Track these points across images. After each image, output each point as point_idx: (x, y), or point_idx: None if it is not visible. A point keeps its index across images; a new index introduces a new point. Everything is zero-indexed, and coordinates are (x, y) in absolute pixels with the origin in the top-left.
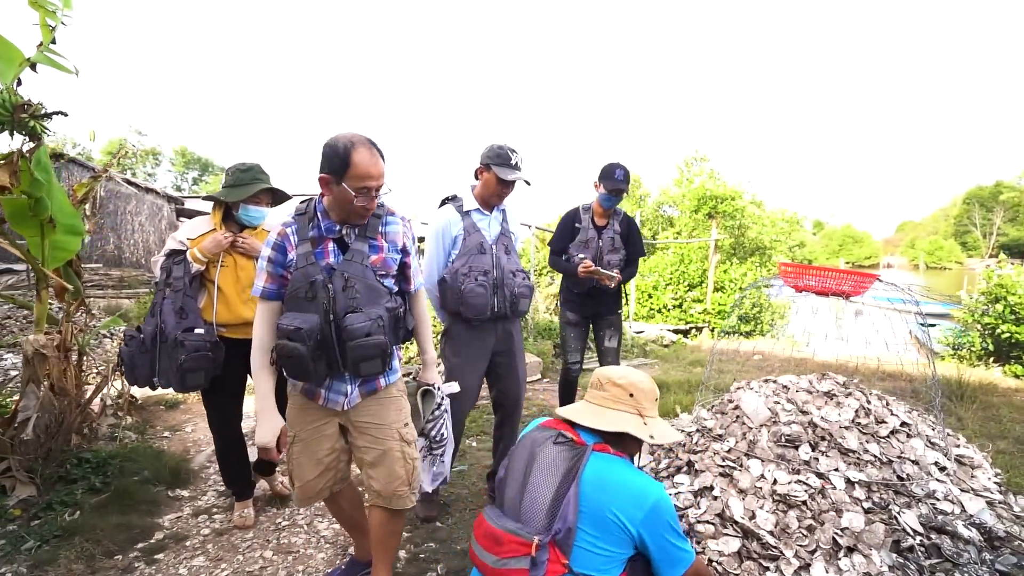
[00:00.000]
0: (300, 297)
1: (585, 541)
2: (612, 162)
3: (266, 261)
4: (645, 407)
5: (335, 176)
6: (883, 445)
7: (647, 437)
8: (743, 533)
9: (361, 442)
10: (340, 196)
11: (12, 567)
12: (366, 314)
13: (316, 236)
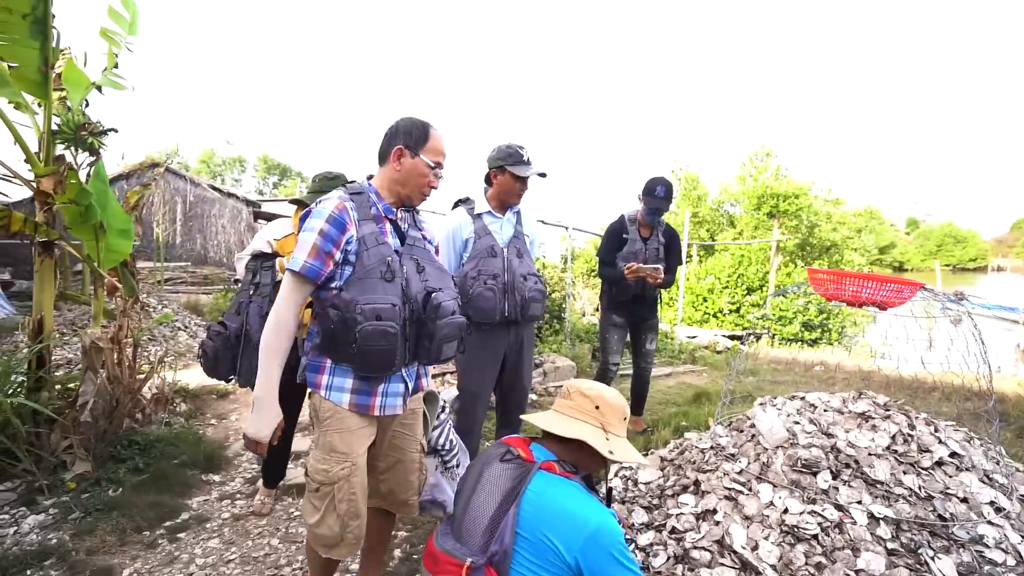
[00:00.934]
0: (376, 277)
1: (522, 566)
2: (655, 177)
3: (317, 234)
4: (610, 422)
5: (413, 148)
6: (924, 478)
7: (606, 452)
8: (741, 565)
9: (383, 449)
10: (414, 169)
11: (58, 534)
12: (448, 293)
13: (376, 215)
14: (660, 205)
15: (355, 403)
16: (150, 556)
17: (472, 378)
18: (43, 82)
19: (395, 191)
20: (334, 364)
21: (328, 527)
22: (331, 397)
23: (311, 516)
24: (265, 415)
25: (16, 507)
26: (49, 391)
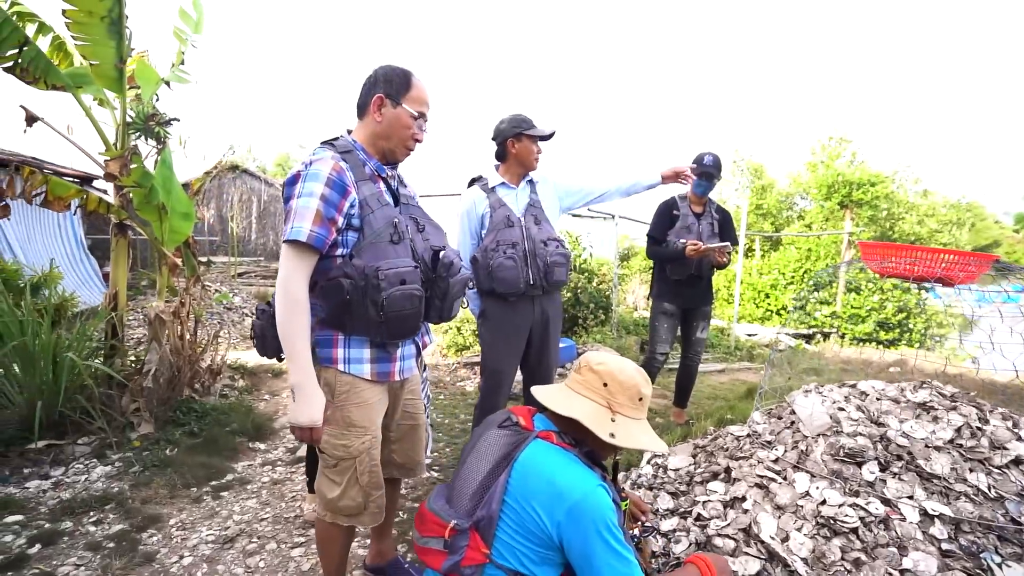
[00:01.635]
0: (385, 241)
1: (506, 534)
2: (704, 151)
3: (318, 199)
4: (619, 401)
5: (394, 97)
6: (995, 477)
7: (605, 434)
8: (768, 555)
9: (397, 417)
10: (396, 120)
11: (120, 483)
12: (452, 249)
13: (370, 174)
14: (708, 170)
15: (377, 372)
16: (194, 509)
17: (497, 355)
18: (119, 78)
19: (378, 146)
20: (348, 336)
21: (351, 499)
22: (351, 370)
23: (331, 491)
24: (309, 399)
25: (89, 459)
26: (121, 358)
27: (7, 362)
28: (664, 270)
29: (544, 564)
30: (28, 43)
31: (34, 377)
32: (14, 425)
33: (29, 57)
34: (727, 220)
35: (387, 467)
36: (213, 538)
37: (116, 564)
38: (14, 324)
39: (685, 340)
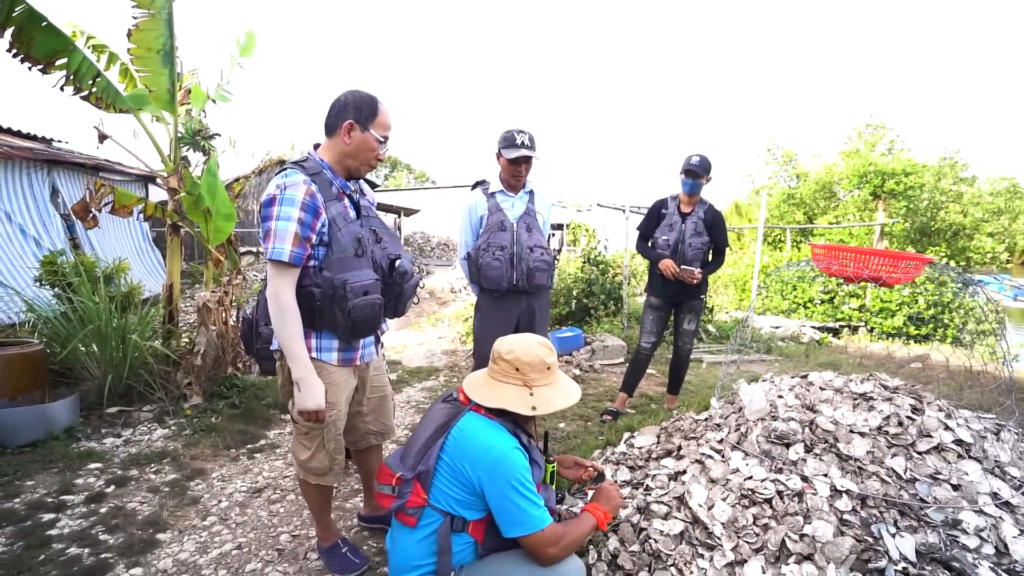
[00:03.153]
0: (351, 255)
1: (443, 483)
2: (694, 152)
3: (295, 223)
4: (532, 379)
5: (363, 123)
6: (916, 461)
7: (527, 410)
8: (693, 519)
9: (367, 393)
10: (363, 143)
11: (175, 443)
12: (406, 256)
13: (336, 194)
14: (692, 168)
15: (342, 359)
16: (232, 466)
17: (485, 342)
18: (171, 100)
19: (345, 164)
20: (318, 330)
21: (319, 461)
22: (321, 357)
23: (302, 453)
24: (311, 389)
25: (151, 423)
26: (176, 340)
27: (87, 341)
28: (653, 265)
29: (470, 508)
30: (100, 75)
31: (107, 355)
32: (93, 394)
33: (102, 87)
34: (716, 222)
35: (366, 436)
36: (246, 489)
37: (170, 503)
38: (92, 310)
39: (675, 331)
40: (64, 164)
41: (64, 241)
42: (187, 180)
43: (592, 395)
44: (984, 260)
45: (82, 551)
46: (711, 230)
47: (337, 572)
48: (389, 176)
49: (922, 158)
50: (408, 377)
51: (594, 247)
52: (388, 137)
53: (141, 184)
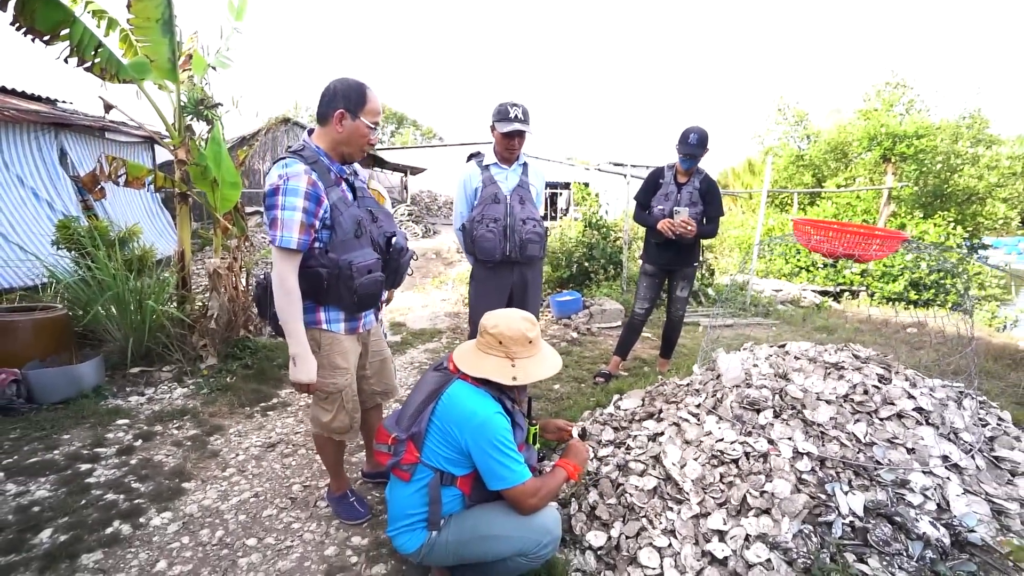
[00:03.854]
0: (352, 236)
1: (433, 443)
2: (690, 126)
3: (300, 212)
4: (515, 352)
5: (353, 111)
6: (876, 427)
7: (508, 380)
8: (666, 477)
9: (368, 357)
10: (355, 131)
11: (194, 401)
12: (401, 233)
13: (335, 179)
14: (692, 151)
15: (347, 328)
16: (247, 423)
17: (479, 311)
18: (172, 69)
19: (339, 150)
20: (324, 305)
21: (340, 421)
22: (331, 328)
23: (324, 416)
24: (306, 364)
25: (171, 382)
26: (190, 304)
27: (107, 306)
28: (649, 233)
29: (457, 465)
30: (102, 45)
31: (126, 318)
32: (116, 355)
33: (104, 57)
34: (710, 190)
35: (372, 397)
36: (260, 443)
37: (192, 456)
38: (109, 277)
39: (668, 298)
40: (71, 127)
41: (76, 204)
42: (193, 151)
43: (588, 358)
44: (994, 226)
45: (118, 497)
46: (705, 198)
47: (345, 518)
48: (396, 133)
49: (941, 118)
50: (412, 339)
51: (596, 211)
52: (378, 123)
53: (147, 145)
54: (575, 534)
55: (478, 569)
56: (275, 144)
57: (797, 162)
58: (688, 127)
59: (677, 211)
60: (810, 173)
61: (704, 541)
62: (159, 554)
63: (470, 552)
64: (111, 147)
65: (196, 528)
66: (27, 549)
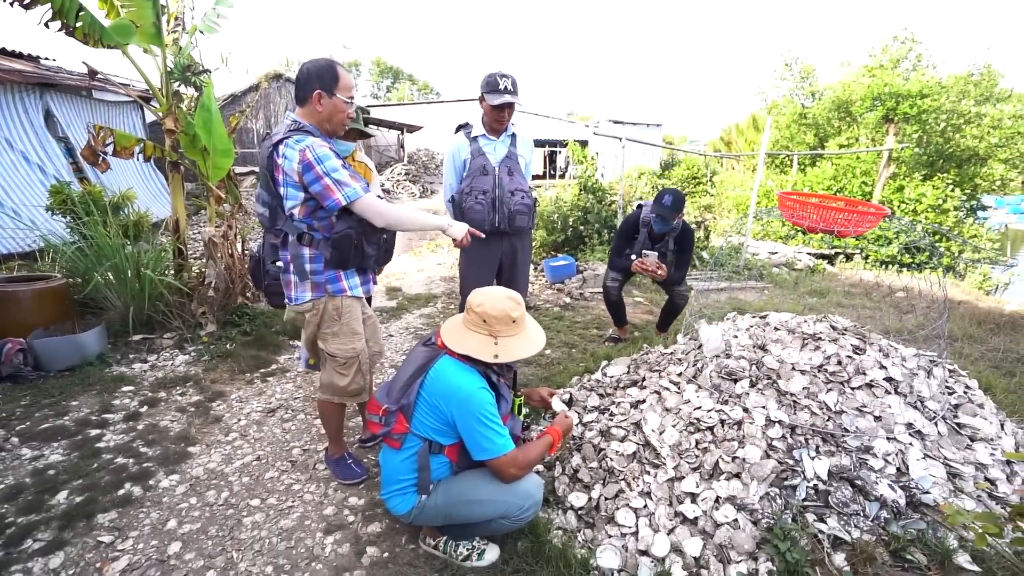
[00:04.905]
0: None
1: (422, 414)
2: (666, 188)
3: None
4: (499, 330)
5: (328, 90)
6: (846, 396)
7: (490, 358)
8: (644, 442)
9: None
10: (334, 108)
11: (195, 368)
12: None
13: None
14: (665, 213)
15: (363, 290)
16: (248, 388)
17: (469, 280)
18: (157, 33)
19: (324, 127)
20: (346, 271)
21: (356, 384)
22: (353, 292)
23: (341, 381)
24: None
25: (172, 349)
26: (188, 273)
27: (105, 274)
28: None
29: (444, 435)
30: (84, 9)
31: (125, 287)
32: (117, 323)
33: (87, 22)
34: (686, 239)
35: (373, 357)
36: (261, 408)
37: (196, 422)
38: (107, 246)
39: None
40: (56, 86)
41: (67, 166)
42: (181, 118)
43: (580, 323)
44: (992, 188)
45: (127, 461)
46: (679, 243)
47: (342, 479)
48: (391, 88)
49: (948, 74)
50: (407, 304)
51: (591, 175)
52: (353, 97)
53: (137, 105)
54: (558, 495)
55: (465, 528)
56: (267, 102)
57: (800, 120)
58: (664, 188)
59: (646, 253)
60: (812, 132)
61: (677, 502)
62: (169, 514)
63: (457, 514)
64: (99, 108)
65: (203, 490)
66: (46, 509)
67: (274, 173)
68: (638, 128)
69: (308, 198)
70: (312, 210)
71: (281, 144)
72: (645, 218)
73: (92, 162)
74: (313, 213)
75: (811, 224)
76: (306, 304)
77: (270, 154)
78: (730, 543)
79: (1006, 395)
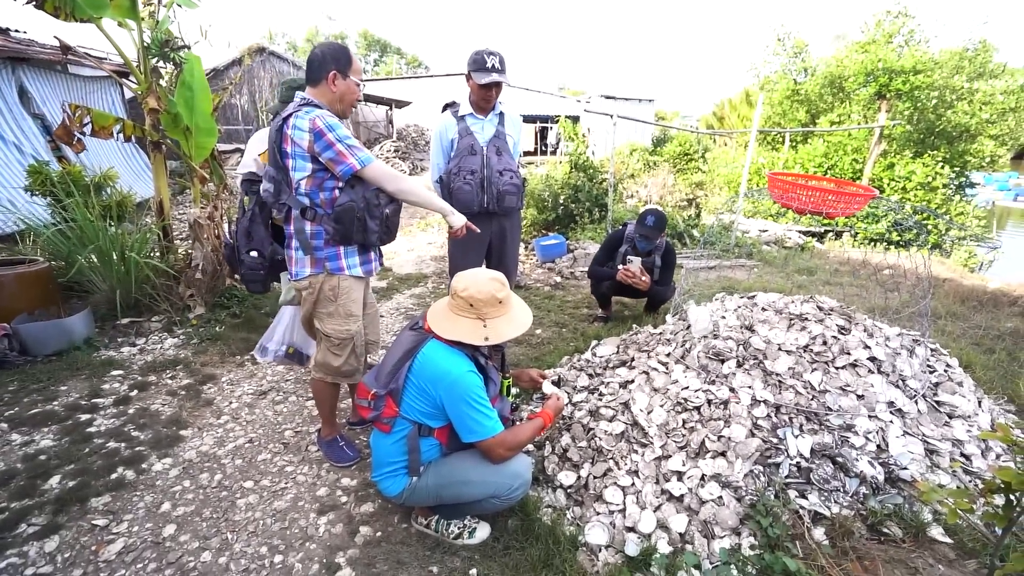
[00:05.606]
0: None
1: (411, 398)
2: (648, 208)
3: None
4: (486, 312)
5: (343, 71)
6: (831, 376)
7: (481, 340)
8: (633, 422)
9: (365, 308)
10: (347, 89)
11: (185, 351)
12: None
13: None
14: (649, 233)
15: (363, 270)
16: (239, 371)
17: (458, 261)
18: (132, 6)
19: (334, 107)
20: (347, 248)
21: (350, 365)
22: (352, 272)
23: (335, 361)
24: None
25: (161, 332)
26: (174, 255)
27: (89, 257)
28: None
29: (433, 418)
30: None
31: (110, 270)
32: (103, 306)
33: None
34: (668, 256)
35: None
36: (252, 391)
37: (187, 405)
38: (89, 228)
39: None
40: (29, 60)
41: (45, 145)
42: (162, 96)
43: (571, 302)
44: (981, 164)
45: (119, 445)
46: (663, 259)
47: (334, 461)
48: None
49: (942, 49)
50: (398, 284)
51: (582, 152)
52: (362, 79)
53: (114, 82)
54: (547, 474)
55: (456, 508)
56: (251, 77)
57: (793, 97)
58: (647, 208)
59: (631, 260)
60: (804, 109)
61: (664, 480)
62: (163, 497)
63: (448, 494)
64: (75, 83)
65: (196, 472)
66: (39, 494)
67: (282, 145)
68: (630, 104)
69: (317, 169)
70: (319, 183)
71: (291, 117)
72: (630, 235)
73: (67, 142)
74: (320, 185)
75: (800, 206)
76: (304, 281)
77: (280, 128)
78: (714, 519)
79: (985, 372)
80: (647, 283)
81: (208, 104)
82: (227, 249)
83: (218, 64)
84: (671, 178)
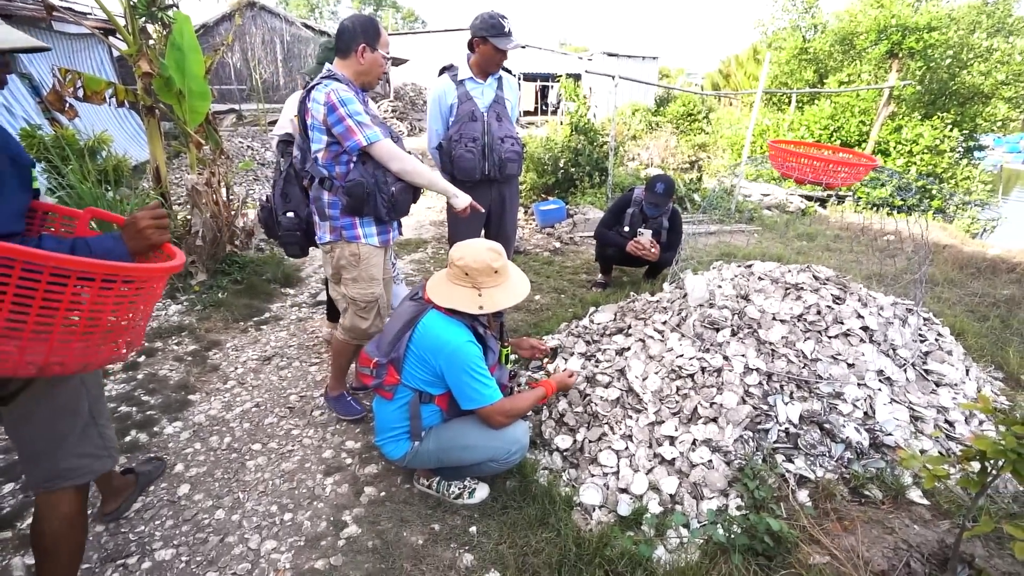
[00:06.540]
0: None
1: (411, 367)
2: (657, 174)
3: (364, 113)
4: (481, 282)
5: (372, 44)
6: (823, 344)
7: (476, 309)
8: (628, 389)
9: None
10: (374, 61)
11: (189, 318)
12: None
13: (363, 101)
14: (658, 201)
15: (381, 240)
16: (242, 337)
17: (458, 230)
18: None
19: (360, 80)
20: (361, 219)
21: (375, 326)
22: (369, 240)
23: (363, 323)
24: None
25: (164, 299)
26: (173, 221)
27: None
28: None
29: (434, 386)
30: None
31: None
32: None
33: None
34: (675, 222)
35: None
36: (256, 357)
37: (194, 370)
38: (86, 194)
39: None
40: (12, 17)
41: (35, 107)
42: (154, 60)
43: (569, 268)
44: (993, 127)
45: (131, 409)
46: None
47: (342, 415)
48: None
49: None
50: (397, 249)
51: (583, 114)
52: (388, 53)
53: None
54: (544, 438)
55: (457, 470)
56: (243, 34)
57: (801, 55)
58: (656, 175)
59: (641, 232)
60: (812, 69)
61: (656, 445)
62: (176, 458)
63: (448, 458)
64: (61, 41)
65: (206, 435)
66: None
67: (304, 117)
68: (633, 61)
69: (331, 142)
70: (334, 155)
71: (313, 90)
72: (637, 197)
73: (58, 109)
74: (335, 158)
75: (801, 175)
76: (326, 245)
77: (303, 99)
78: (704, 481)
79: (977, 339)
80: (656, 255)
81: (200, 66)
82: (264, 212)
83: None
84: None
